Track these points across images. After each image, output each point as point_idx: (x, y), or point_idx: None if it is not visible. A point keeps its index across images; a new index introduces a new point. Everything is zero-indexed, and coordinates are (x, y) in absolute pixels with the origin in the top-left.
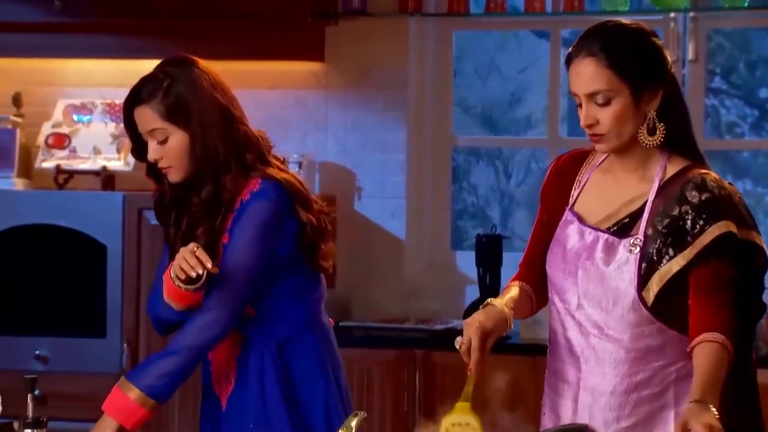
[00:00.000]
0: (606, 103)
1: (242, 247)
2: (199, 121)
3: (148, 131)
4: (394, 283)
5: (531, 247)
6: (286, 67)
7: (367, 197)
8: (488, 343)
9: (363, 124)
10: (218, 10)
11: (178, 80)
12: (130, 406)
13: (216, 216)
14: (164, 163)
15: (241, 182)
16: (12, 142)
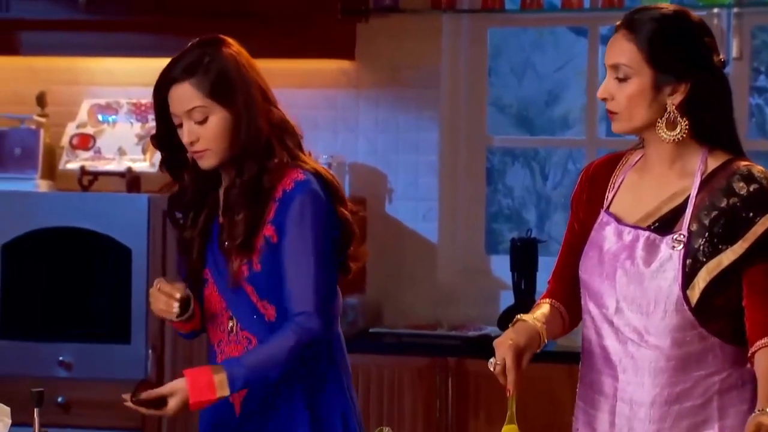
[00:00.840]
0: (624, 79)
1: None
2: (243, 98)
3: (186, 111)
4: (426, 288)
5: (561, 261)
6: (315, 66)
7: (398, 199)
8: (523, 360)
9: (394, 124)
10: (247, 8)
11: (217, 56)
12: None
13: (257, 202)
14: (201, 145)
15: (284, 168)
16: (36, 142)
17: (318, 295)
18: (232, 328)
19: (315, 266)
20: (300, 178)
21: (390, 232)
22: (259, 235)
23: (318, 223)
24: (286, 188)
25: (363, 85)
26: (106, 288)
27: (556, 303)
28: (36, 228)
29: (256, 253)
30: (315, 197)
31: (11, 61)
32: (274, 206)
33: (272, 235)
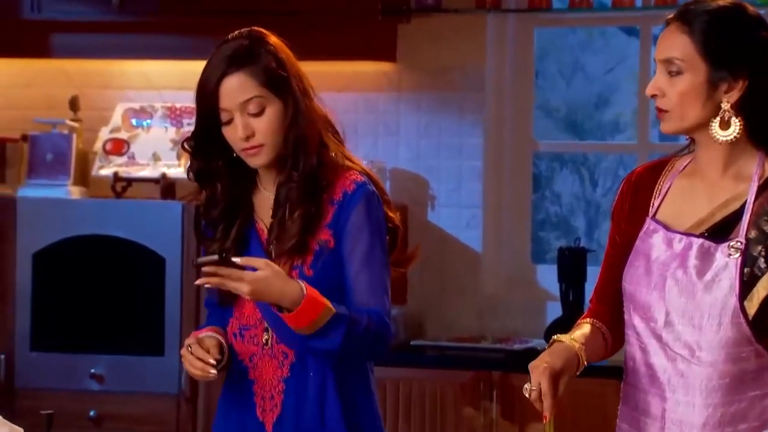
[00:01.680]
0: (676, 74)
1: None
2: (298, 88)
3: (241, 102)
4: (469, 299)
5: (603, 278)
6: (355, 68)
7: (441, 206)
8: (560, 384)
9: (437, 129)
10: (285, 8)
11: (266, 45)
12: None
13: (314, 200)
14: (257, 139)
15: (338, 167)
16: (68, 147)
17: (388, 302)
18: (267, 341)
19: (382, 273)
20: (359, 180)
21: (432, 240)
22: (314, 237)
23: (381, 226)
24: (347, 190)
25: (404, 87)
26: (139, 298)
27: (597, 323)
28: (68, 236)
29: (309, 257)
30: (376, 199)
31: (43, 64)
32: (332, 209)
33: (329, 239)
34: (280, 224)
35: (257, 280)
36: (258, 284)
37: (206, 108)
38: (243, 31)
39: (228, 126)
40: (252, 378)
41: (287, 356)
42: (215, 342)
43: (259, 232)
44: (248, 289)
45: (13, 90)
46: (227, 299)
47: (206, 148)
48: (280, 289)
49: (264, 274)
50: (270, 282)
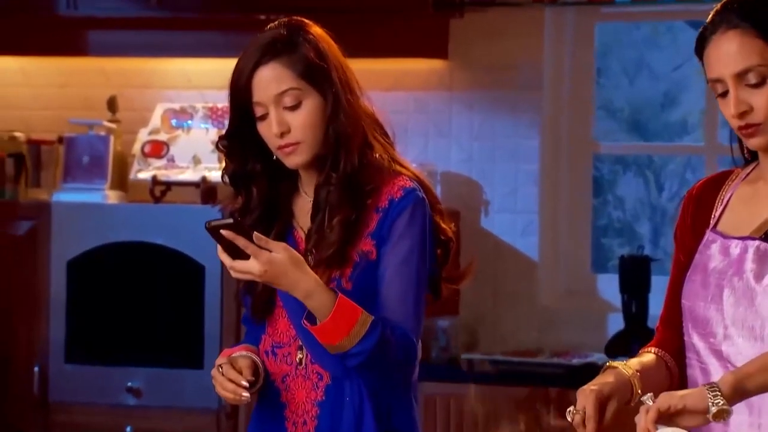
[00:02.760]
0: (761, 82)
1: (413, 254)
2: (339, 81)
3: (277, 94)
4: (525, 310)
5: (669, 302)
6: (405, 66)
7: (495, 212)
8: (607, 411)
9: (491, 130)
10: (331, 4)
11: (305, 34)
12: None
13: (356, 205)
14: (293, 136)
15: (384, 170)
16: (105, 150)
17: (416, 319)
18: (301, 360)
19: (416, 286)
20: (408, 186)
21: (486, 248)
22: (354, 246)
23: (425, 235)
24: (394, 197)
25: (457, 86)
26: (177, 308)
27: (661, 352)
28: (104, 242)
29: (348, 269)
30: (424, 208)
31: (80, 62)
32: (377, 217)
33: (371, 250)
34: (318, 230)
35: (272, 262)
36: (272, 266)
37: (240, 102)
38: (282, 21)
39: (263, 122)
40: (284, 401)
41: (322, 378)
42: (248, 362)
43: (298, 240)
44: (260, 270)
45: (49, 90)
46: (260, 312)
47: (242, 147)
48: (294, 277)
49: (280, 257)
50: (286, 267)
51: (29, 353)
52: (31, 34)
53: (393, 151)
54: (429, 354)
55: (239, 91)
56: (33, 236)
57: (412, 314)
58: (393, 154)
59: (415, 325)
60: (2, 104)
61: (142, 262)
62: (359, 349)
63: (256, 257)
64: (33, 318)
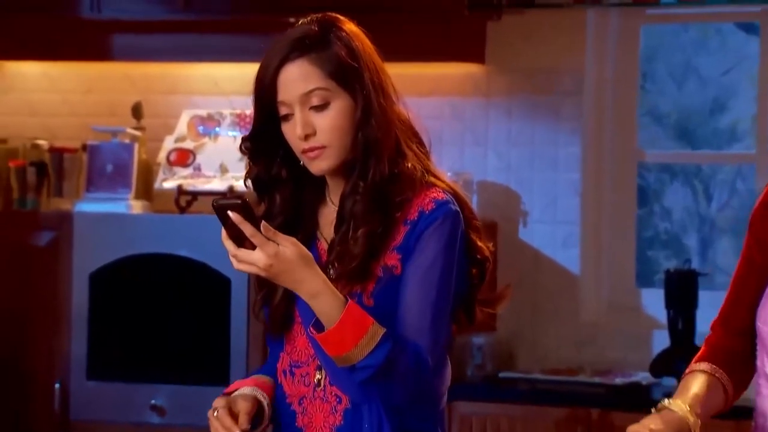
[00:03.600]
0: None
1: (435, 269)
2: (371, 82)
3: (303, 94)
4: (566, 326)
5: (731, 303)
6: (439, 71)
7: (534, 223)
8: None
9: (530, 137)
10: (360, 4)
11: (337, 31)
12: (362, 317)
13: (383, 217)
14: (318, 140)
15: (415, 180)
16: (129, 158)
17: (433, 337)
18: (319, 381)
19: (436, 301)
20: (441, 198)
21: (524, 260)
22: (378, 260)
23: (452, 253)
24: (425, 209)
25: (494, 92)
26: (202, 323)
27: (718, 372)
28: (127, 254)
29: (371, 284)
30: (457, 223)
31: (104, 67)
32: (404, 230)
33: (396, 265)
34: (342, 242)
35: (278, 256)
36: (278, 261)
37: (265, 101)
38: (315, 16)
39: (287, 122)
40: (300, 426)
41: (341, 401)
42: (249, 405)
43: (320, 252)
44: (265, 263)
45: (73, 96)
46: (277, 326)
47: (266, 150)
48: (301, 275)
49: (289, 251)
50: (293, 263)
51: (50, 369)
52: (54, 37)
53: (428, 162)
54: (464, 372)
55: (264, 88)
56: (54, 247)
57: (428, 332)
58: (427, 164)
59: (432, 343)
60: (25, 111)
61: (167, 275)
62: (366, 363)
63: (262, 248)
64: (54, 332)
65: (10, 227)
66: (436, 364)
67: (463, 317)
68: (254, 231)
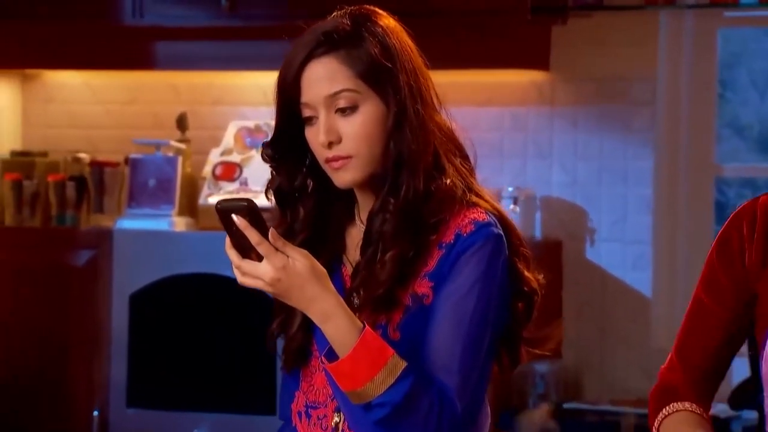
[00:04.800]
0: None
1: (470, 300)
2: (408, 86)
3: (328, 95)
4: (636, 353)
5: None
6: (500, 78)
7: (602, 242)
8: None
9: (598, 149)
10: (417, 8)
11: (372, 26)
12: (380, 347)
13: (415, 239)
14: (343, 148)
15: (455, 200)
16: (173, 172)
17: (463, 375)
18: (337, 425)
19: (468, 334)
20: (482, 219)
21: (591, 282)
22: (407, 288)
23: (492, 281)
24: (462, 231)
25: (559, 101)
26: (249, 347)
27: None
28: (170, 274)
29: (398, 314)
30: (498, 249)
31: (148, 77)
32: (438, 255)
33: (427, 293)
34: (368, 266)
35: (287, 269)
36: (287, 275)
37: (287, 102)
38: (349, 8)
39: (311, 127)
40: None
41: None
42: None
43: (345, 277)
44: (272, 277)
45: (115, 107)
46: (292, 359)
47: (290, 158)
48: (312, 293)
49: (300, 265)
50: (304, 279)
51: (88, 396)
52: (95, 45)
53: (471, 179)
54: (525, 402)
55: (287, 88)
56: (93, 267)
57: (457, 371)
58: (470, 181)
59: (461, 384)
60: (66, 122)
61: (212, 297)
62: (383, 400)
63: (269, 260)
64: (92, 357)
65: (48, 245)
66: (468, 409)
67: (506, 358)
68: (261, 239)
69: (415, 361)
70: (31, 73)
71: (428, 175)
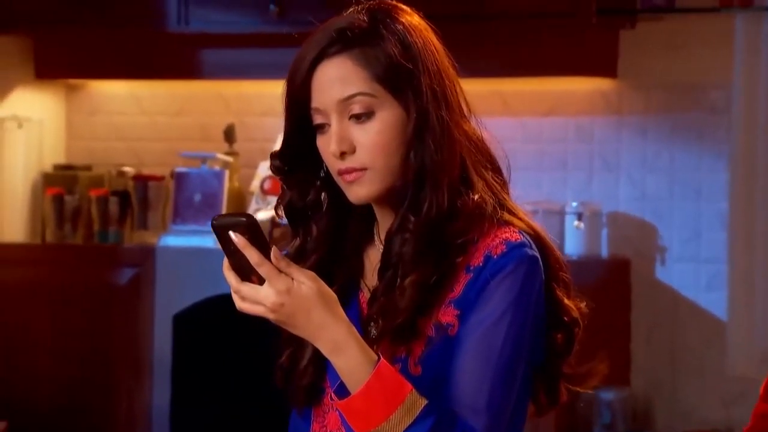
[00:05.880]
0: None
1: (501, 329)
2: (431, 90)
3: (341, 100)
4: (711, 380)
5: None
6: (564, 86)
7: (674, 261)
8: None
9: (669, 161)
10: (472, 10)
11: (393, 23)
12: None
13: (439, 263)
14: (357, 159)
15: (484, 218)
16: (220, 186)
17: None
18: None
19: (497, 367)
20: (515, 239)
21: (662, 304)
22: (431, 317)
23: (527, 308)
24: (492, 253)
25: (627, 110)
26: None
27: None
28: (215, 294)
29: (420, 347)
30: (533, 272)
31: (195, 86)
32: (466, 279)
33: (453, 323)
34: (386, 292)
35: (291, 293)
36: (292, 300)
37: (297, 107)
38: (367, 3)
39: (322, 135)
40: None
41: None
42: None
43: (362, 304)
44: (274, 302)
45: (161, 118)
46: (302, 398)
47: (301, 170)
48: (319, 320)
49: (306, 288)
50: (310, 304)
51: (129, 422)
52: (140, 54)
53: (503, 194)
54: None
55: (295, 91)
56: (135, 286)
57: (485, 410)
58: (502, 197)
59: (490, 423)
60: (112, 135)
61: (259, 317)
62: None
63: (271, 283)
64: (134, 381)
65: (90, 263)
66: None
67: (543, 396)
68: (262, 259)
69: (437, 399)
70: (75, 84)
71: (454, 189)
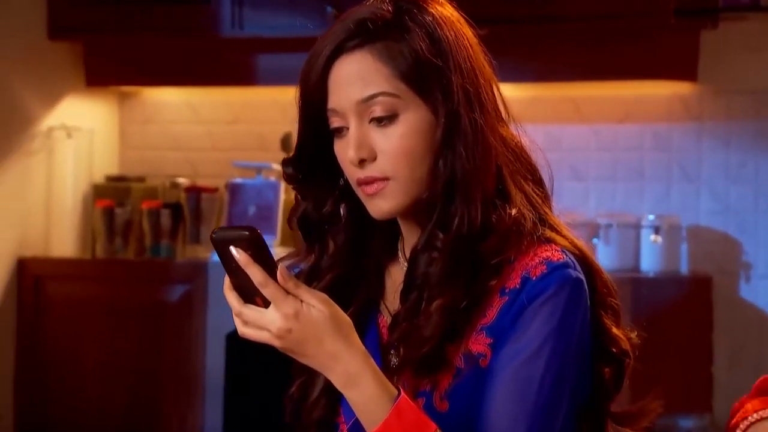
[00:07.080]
0: None
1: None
2: (463, 90)
3: (360, 100)
4: None
5: None
6: (640, 91)
7: (759, 278)
8: None
9: (754, 172)
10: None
11: (421, 15)
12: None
13: (471, 285)
14: (378, 167)
15: (522, 235)
16: (275, 198)
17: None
18: None
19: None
20: (556, 259)
21: (747, 324)
22: (459, 346)
23: (569, 341)
24: (531, 274)
25: (708, 116)
26: None
27: None
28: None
29: (447, 379)
30: (578, 297)
31: (251, 93)
32: (500, 303)
33: (485, 352)
34: (410, 317)
35: (299, 317)
36: (300, 326)
37: (312, 108)
38: None
39: (340, 139)
40: None
41: None
42: None
43: (381, 329)
44: (280, 328)
45: (216, 127)
46: (309, 413)
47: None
48: (332, 349)
49: (316, 312)
50: (321, 330)
51: None
52: (194, 60)
53: (545, 209)
54: None
55: (310, 90)
56: (187, 303)
57: None
58: (544, 212)
59: None
60: (166, 144)
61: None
62: None
63: (277, 306)
64: (185, 401)
65: (140, 280)
66: None
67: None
68: (266, 279)
69: None
70: (127, 91)
71: (488, 202)
